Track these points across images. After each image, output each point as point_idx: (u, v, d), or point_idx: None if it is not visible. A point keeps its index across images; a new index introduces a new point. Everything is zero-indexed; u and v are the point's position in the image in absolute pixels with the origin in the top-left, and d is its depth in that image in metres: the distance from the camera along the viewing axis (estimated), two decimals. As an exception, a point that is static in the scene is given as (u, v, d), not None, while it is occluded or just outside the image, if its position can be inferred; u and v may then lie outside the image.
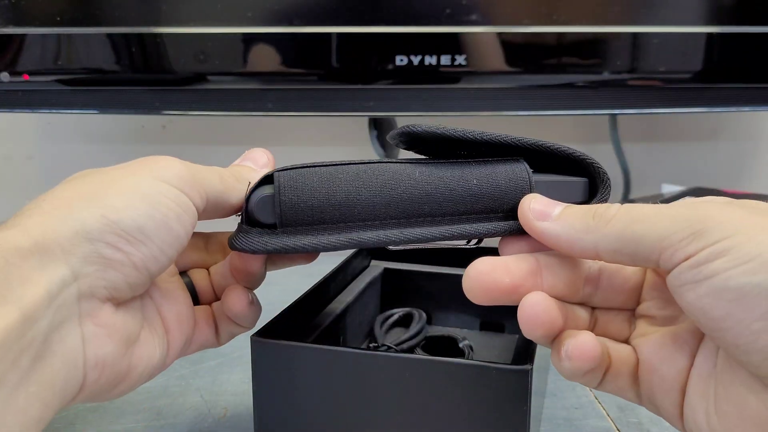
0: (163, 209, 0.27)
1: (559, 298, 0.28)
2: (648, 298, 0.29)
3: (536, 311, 0.27)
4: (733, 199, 0.26)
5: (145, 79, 0.61)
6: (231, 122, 0.80)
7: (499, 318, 0.47)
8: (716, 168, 0.84)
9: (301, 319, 0.38)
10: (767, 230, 0.23)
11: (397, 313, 0.47)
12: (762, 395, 0.23)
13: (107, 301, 0.26)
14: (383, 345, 0.42)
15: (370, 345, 0.43)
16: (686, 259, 0.23)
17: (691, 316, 0.24)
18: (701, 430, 0.25)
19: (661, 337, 0.27)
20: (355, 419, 0.32)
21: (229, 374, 0.45)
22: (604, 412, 0.40)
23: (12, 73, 0.61)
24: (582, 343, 0.26)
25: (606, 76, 0.61)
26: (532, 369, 0.29)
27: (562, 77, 0.61)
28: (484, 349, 0.45)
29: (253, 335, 0.32)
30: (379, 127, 0.72)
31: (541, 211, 0.28)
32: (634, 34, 0.60)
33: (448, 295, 0.48)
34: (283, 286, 0.41)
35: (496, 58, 0.60)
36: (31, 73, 0.61)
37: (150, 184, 0.27)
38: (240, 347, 0.50)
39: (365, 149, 0.73)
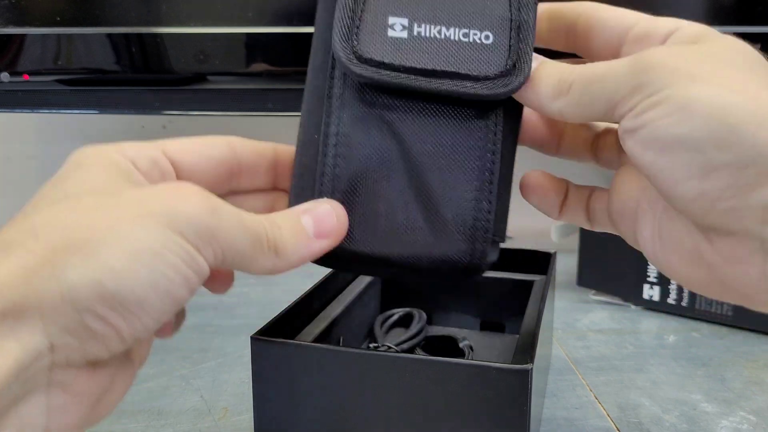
0: (170, 273, 0.22)
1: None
2: None
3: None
4: (693, 36, 0.27)
5: (145, 79, 0.61)
6: (231, 122, 0.80)
7: (499, 318, 0.47)
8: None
9: (302, 319, 0.38)
10: (702, 80, 0.23)
11: (397, 313, 0.47)
12: (693, 233, 0.26)
13: (83, 367, 0.23)
14: (383, 345, 0.42)
15: (370, 345, 0.43)
16: (630, 110, 0.25)
17: (632, 161, 0.26)
18: (648, 251, 0.28)
19: (625, 171, 0.30)
20: (355, 419, 0.32)
21: (229, 374, 0.45)
22: (604, 412, 0.40)
23: (12, 73, 0.61)
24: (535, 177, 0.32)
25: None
26: (532, 369, 0.29)
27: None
28: (484, 349, 0.45)
29: (253, 335, 0.32)
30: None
31: None
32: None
33: (448, 295, 0.48)
34: (284, 286, 0.41)
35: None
36: (31, 73, 0.61)
37: (161, 238, 0.22)
38: (240, 347, 0.50)
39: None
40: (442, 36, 0.28)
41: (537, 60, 0.29)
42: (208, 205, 0.24)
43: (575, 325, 0.55)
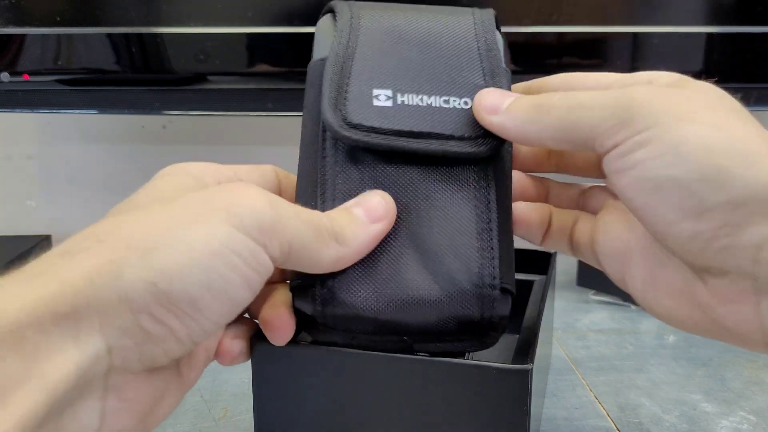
0: (227, 273, 0.22)
1: (528, 170, 0.34)
2: None
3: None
4: (672, 83, 0.27)
5: (145, 79, 0.61)
6: (231, 122, 0.80)
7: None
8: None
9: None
10: (689, 120, 0.24)
11: None
12: (685, 274, 0.26)
13: (140, 372, 0.23)
14: None
15: None
16: (614, 147, 0.25)
17: (622, 201, 0.26)
18: (638, 294, 0.29)
19: (613, 209, 0.30)
20: (355, 419, 0.32)
21: (229, 374, 0.45)
22: (604, 412, 0.40)
23: (12, 73, 0.61)
24: (519, 210, 0.32)
25: (606, 76, 0.61)
26: (532, 369, 0.29)
27: (562, 77, 0.61)
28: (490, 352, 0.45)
29: (253, 335, 0.32)
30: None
31: (491, 105, 0.29)
32: (634, 34, 0.60)
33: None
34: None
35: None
36: (31, 73, 0.61)
37: (220, 236, 0.22)
38: (240, 347, 0.50)
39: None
40: (425, 103, 0.29)
41: (513, 95, 0.29)
42: (267, 199, 0.24)
43: (575, 325, 0.55)
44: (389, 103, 0.29)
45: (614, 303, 0.59)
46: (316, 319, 0.28)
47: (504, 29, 0.34)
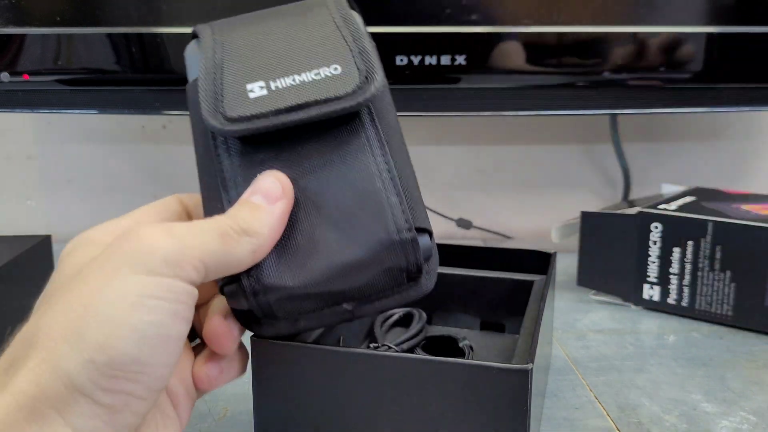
0: (156, 317, 0.23)
1: None
2: None
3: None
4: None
5: (145, 79, 0.61)
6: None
7: (500, 318, 0.47)
8: (716, 168, 0.84)
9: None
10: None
11: (397, 313, 0.47)
12: None
13: None
14: (383, 345, 0.42)
15: (370, 345, 0.43)
16: None
17: None
18: None
19: None
20: (356, 419, 0.32)
21: (229, 374, 0.45)
22: (604, 412, 0.40)
23: (12, 73, 0.61)
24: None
25: (606, 76, 0.61)
26: (532, 369, 0.29)
27: (562, 77, 0.61)
28: (483, 349, 0.45)
29: (252, 335, 0.32)
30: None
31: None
32: (634, 34, 0.60)
33: (448, 295, 0.48)
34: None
35: (496, 58, 0.60)
36: (31, 73, 0.61)
37: (131, 287, 0.23)
38: (240, 347, 0.50)
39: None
40: (297, 82, 0.30)
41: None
42: (162, 231, 0.24)
43: (575, 325, 0.55)
44: (264, 92, 0.29)
45: (614, 303, 0.59)
46: (254, 312, 0.29)
47: (503, 29, 0.34)
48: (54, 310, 0.23)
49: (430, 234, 0.30)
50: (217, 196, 0.30)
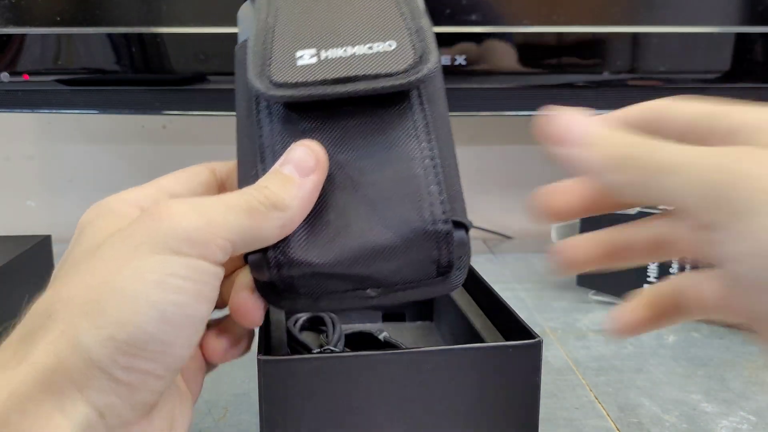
0: (179, 297, 0.22)
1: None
2: None
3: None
4: None
5: (145, 79, 0.61)
6: (231, 122, 0.80)
7: (398, 308, 0.46)
8: (716, 168, 0.84)
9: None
10: None
11: (302, 317, 0.45)
12: None
13: (140, 418, 0.23)
14: (326, 348, 0.40)
15: (314, 351, 0.40)
16: (701, 228, 0.20)
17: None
18: None
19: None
20: (371, 422, 0.31)
21: (229, 374, 0.45)
22: (604, 412, 0.40)
23: (12, 73, 0.61)
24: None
25: (606, 76, 0.61)
26: (542, 340, 0.31)
27: (562, 77, 0.61)
28: (399, 339, 0.44)
29: (259, 355, 0.31)
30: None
31: (572, 135, 0.24)
32: (635, 34, 0.60)
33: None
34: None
35: (496, 58, 0.60)
36: (31, 73, 0.61)
37: (154, 266, 0.22)
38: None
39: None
40: (349, 54, 0.29)
41: (592, 123, 0.24)
42: (187, 207, 0.23)
43: (575, 325, 0.55)
44: (314, 60, 0.29)
45: (614, 303, 0.59)
46: (275, 284, 0.28)
47: (503, 29, 0.34)
48: (74, 283, 0.23)
49: (467, 230, 0.28)
50: (253, 163, 0.29)
